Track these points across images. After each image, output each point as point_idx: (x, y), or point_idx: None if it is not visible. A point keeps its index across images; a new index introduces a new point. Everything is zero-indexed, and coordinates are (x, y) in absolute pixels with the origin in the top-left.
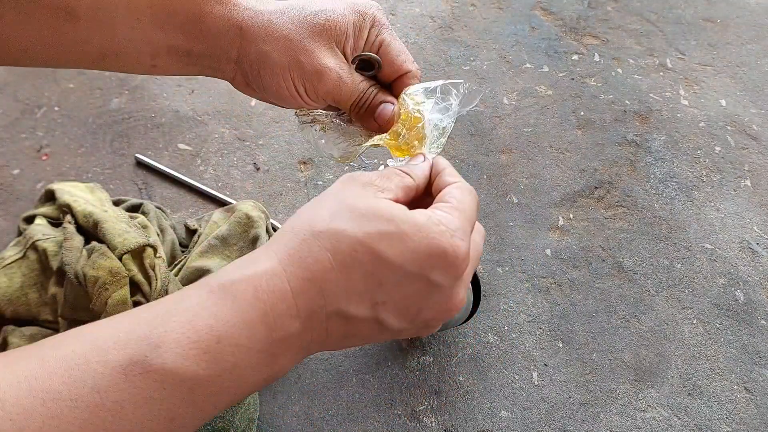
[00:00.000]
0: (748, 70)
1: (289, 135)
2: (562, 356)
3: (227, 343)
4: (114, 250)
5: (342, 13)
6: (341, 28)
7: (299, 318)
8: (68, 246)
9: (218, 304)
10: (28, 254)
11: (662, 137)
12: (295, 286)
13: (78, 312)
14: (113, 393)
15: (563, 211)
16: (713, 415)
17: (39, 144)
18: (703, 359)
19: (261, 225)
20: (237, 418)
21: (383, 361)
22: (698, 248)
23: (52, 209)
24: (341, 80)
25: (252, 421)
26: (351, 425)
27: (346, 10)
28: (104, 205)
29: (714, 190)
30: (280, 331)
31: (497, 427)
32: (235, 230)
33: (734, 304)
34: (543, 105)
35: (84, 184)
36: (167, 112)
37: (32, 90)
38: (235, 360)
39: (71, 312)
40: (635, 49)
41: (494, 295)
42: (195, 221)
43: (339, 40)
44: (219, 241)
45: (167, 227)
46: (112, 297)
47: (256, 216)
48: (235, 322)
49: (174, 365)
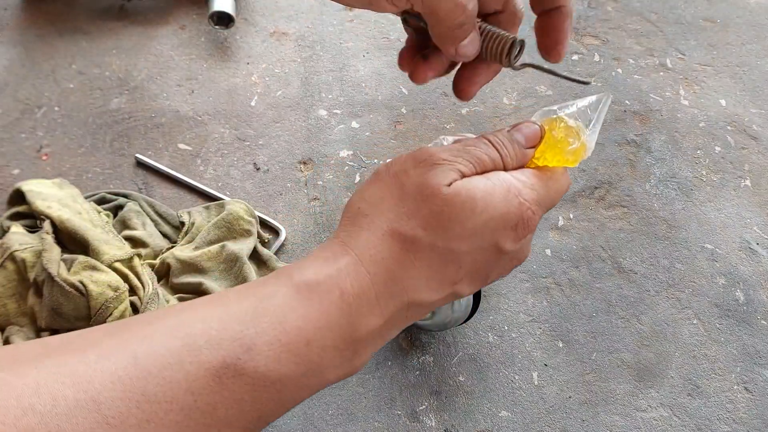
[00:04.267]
0: (748, 70)
1: (289, 135)
2: (562, 356)
3: (315, 345)
4: (101, 256)
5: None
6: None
7: (382, 317)
8: (48, 257)
9: (305, 305)
10: (6, 264)
11: (662, 137)
12: (379, 288)
13: (72, 322)
14: (207, 396)
15: (563, 211)
16: (713, 415)
17: (39, 144)
18: (703, 359)
19: (252, 225)
20: None
21: (383, 361)
22: (698, 248)
23: (26, 213)
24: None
25: None
26: (351, 425)
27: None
28: (77, 202)
29: (714, 190)
30: (364, 330)
31: (497, 427)
32: (222, 231)
33: (734, 304)
34: (543, 105)
35: (51, 180)
36: (167, 112)
37: (32, 90)
38: (320, 360)
39: (63, 324)
40: (635, 49)
41: (494, 295)
42: (186, 213)
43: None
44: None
45: (148, 222)
46: (113, 314)
47: (246, 216)
48: (322, 325)
49: (266, 369)
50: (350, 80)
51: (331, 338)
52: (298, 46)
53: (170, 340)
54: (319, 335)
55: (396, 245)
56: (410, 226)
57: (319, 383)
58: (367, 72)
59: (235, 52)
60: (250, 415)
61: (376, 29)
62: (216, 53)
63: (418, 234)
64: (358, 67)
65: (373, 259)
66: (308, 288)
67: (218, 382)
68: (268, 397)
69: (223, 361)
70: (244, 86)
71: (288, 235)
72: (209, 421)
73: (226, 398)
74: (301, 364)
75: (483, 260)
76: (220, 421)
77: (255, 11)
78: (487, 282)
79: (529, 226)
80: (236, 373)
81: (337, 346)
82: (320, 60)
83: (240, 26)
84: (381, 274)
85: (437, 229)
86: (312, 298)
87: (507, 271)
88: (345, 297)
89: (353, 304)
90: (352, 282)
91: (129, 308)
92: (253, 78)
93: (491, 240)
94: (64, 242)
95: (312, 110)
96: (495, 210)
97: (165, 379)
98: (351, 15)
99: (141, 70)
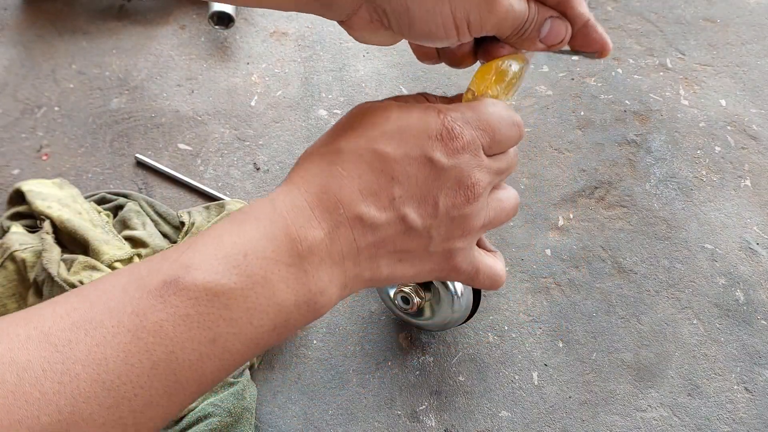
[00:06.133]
0: (748, 70)
1: (289, 135)
2: (562, 356)
3: (254, 256)
4: (101, 256)
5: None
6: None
7: (321, 228)
8: (48, 258)
9: (241, 224)
10: (6, 264)
11: (662, 137)
12: (310, 199)
13: None
14: (151, 314)
15: (563, 211)
16: (713, 415)
17: (39, 144)
18: (703, 359)
19: None
20: (228, 404)
21: (383, 361)
22: (698, 248)
23: (26, 213)
24: (512, 5)
25: (247, 410)
26: (351, 425)
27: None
28: (77, 202)
29: (714, 190)
30: (305, 242)
31: (497, 427)
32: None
33: (734, 304)
34: (543, 105)
35: (51, 180)
36: (167, 112)
37: (32, 90)
38: (264, 273)
39: None
40: (635, 49)
41: (494, 295)
42: (186, 213)
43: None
44: None
45: (148, 222)
46: None
47: None
48: (258, 237)
49: (204, 280)
50: (350, 80)
51: (272, 249)
52: (298, 46)
53: (116, 276)
54: (256, 246)
55: (323, 162)
56: (333, 140)
57: (273, 303)
58: (367, 72)
59: (235, 52)
60: (201, 336)
61: None
62: (216, 53)
63: (341, 145)
64: (358, 67)
65: (303, 178)
66: (242, 212)
67: (161, 300)
68: (216, 313)
69: (163, 281)
70: (244, 86)
71: None
72: (158, 340)
73: (171, 315)
74: (244, 276)
75: (418, 175)
76: (169, 339)
77: (255, 11)
78: (438, 210)
79: (457, 138)
80: (177, 288)
81: (280, 259)
82: (320, 60)
83: (240, 26)
84: (311, 189)
85: (357, 135)
86: (247, 217)
87: (460, 202)
88: (277, 208)
89: (287, 216)
90: (284, 198)
91: None
92: (253, 78)
93: (416, 147)
94: (64, 242)
95: (312, 110)
96: (412, 117)
97: (109, 305)
98: None
99: (141, 70)
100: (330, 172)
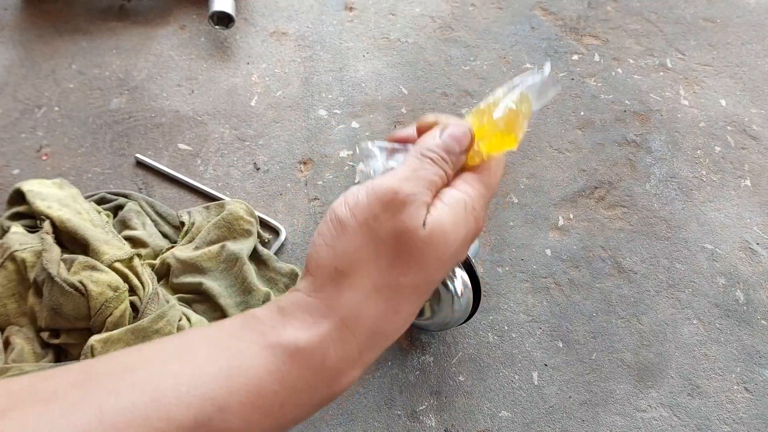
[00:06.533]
0: (748, 70)
1: (289, 135)
2: (562, 356)
3: (290, 405)
4: (101, 256)
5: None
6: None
7: (362, 367)
8: (48, 257)
9: (282, 370)
10: (6, 264)
11: (662, 137)
12: (362, 344)
13: (72, 322)
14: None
15: (563, 211)
16: (713, 415)
17: (39, 144)
18: (703, 359)
19: (252, 225)
20: None
21: (383, 361)
22: (698, 248)
23: (26, 213)
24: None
25: None
26: (351, 425)
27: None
28: (77, 202)
29: (714, 190)
30: (343, 385)
31: (497, 427)
32: (222, 231)
33: (734, 304)
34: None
35: (51, 180)
36: (167, 112)
37: (32, 90)
38: (294, 416)
39: (63, 323)
40: (635, 49)
41: (494, 295)
42: (186, 213)
43: None
44: (205, 238)
45: (148, 222)
46: (113, 314)
47: (246, 216)
48: (300, 388)
49: (238, 429)
50: (350, 80)
51: (308, 398)
52: (298, 46)
53: (138, 395)
54: (295, 397)
55: (381, 300)
56: (392, 276)
57: (290, 428)
58: (367, 72)
59: (235, 52)
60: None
61: (376, 29)
62: (216, 53)
63: (401, 281)
64: (358, 67)
65: (359, 321)
66: (286, 352)
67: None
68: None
69: (194, 420)
70: (244, 86)
71: (288, 235)
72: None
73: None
74: (274, 420)
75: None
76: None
77: (255, 11)
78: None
79: (479, 230)
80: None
81: (313, 403)
82: (320, 60)
83: (240, 26)
84: (366, 333)
85: (420, 270)
86: (290, 363)
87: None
88: (327, 362)
89: (335, 368)
90: (336, 347)
91: (129, 308)
92: (253, 78)
93: (460, 254)
94: (64, 242)
95: (312, 110)
96: (461, 234)
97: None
98: (351, 15)
99: (141, 70)
100: (387, 313)
